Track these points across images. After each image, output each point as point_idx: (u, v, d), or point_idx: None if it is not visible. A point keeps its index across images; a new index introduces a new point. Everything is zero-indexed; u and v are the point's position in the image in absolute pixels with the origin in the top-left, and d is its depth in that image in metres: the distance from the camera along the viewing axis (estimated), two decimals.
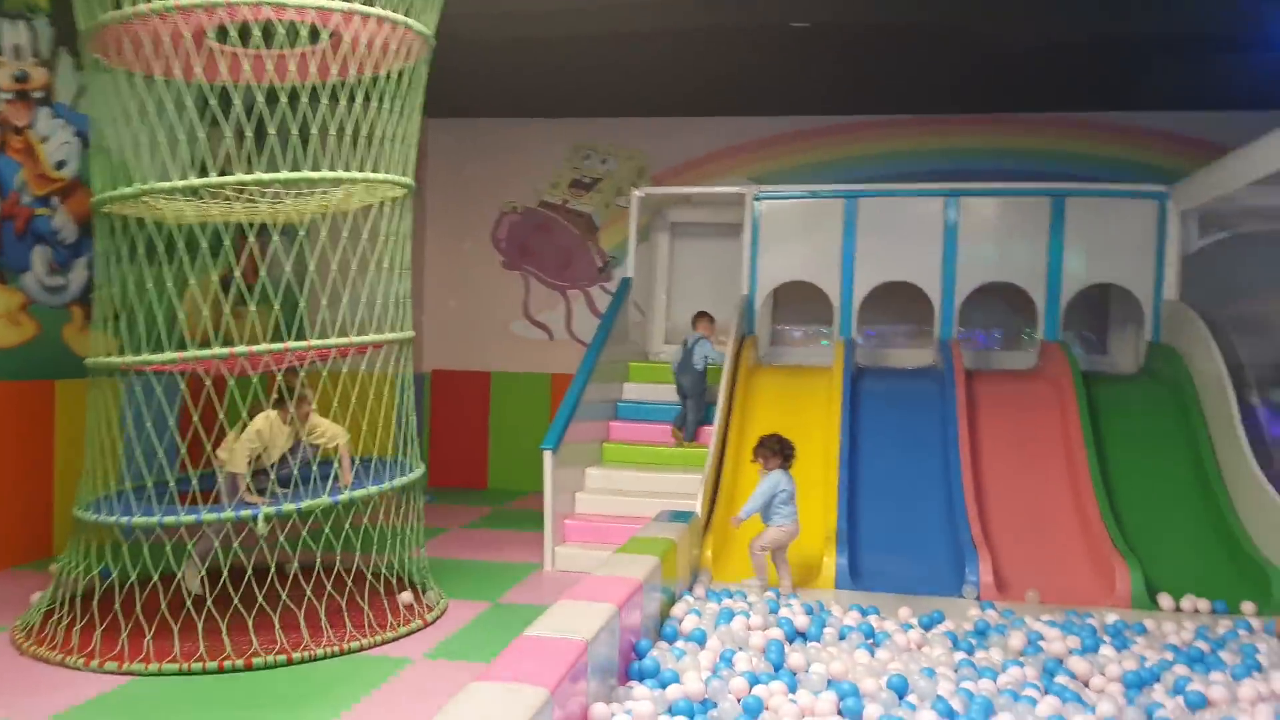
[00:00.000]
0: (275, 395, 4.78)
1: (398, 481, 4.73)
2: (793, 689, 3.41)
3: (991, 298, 7.58)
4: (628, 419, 7.31)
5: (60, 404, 5.80)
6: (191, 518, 4.18)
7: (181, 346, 4.38)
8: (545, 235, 9.23)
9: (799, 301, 8.03)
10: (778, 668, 3.68)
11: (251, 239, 4.50)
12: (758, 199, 7.75)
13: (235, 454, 4.67)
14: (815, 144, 8.52)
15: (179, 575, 4.56)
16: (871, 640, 4.11)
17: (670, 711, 3.20)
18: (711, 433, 6.36)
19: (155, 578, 4.28)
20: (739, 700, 3.30)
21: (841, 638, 4.14)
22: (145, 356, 4.31)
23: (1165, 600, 4.96)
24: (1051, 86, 7.72)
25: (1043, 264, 7.35)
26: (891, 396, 6.92)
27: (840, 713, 3.22)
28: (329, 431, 4.96)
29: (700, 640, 3.96)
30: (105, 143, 4.56)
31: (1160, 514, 5.77)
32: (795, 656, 3.75)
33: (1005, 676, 3.58)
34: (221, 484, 4.56)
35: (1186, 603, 4.92)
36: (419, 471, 5.00)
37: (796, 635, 4.18)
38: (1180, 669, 3.71)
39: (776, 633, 4.06)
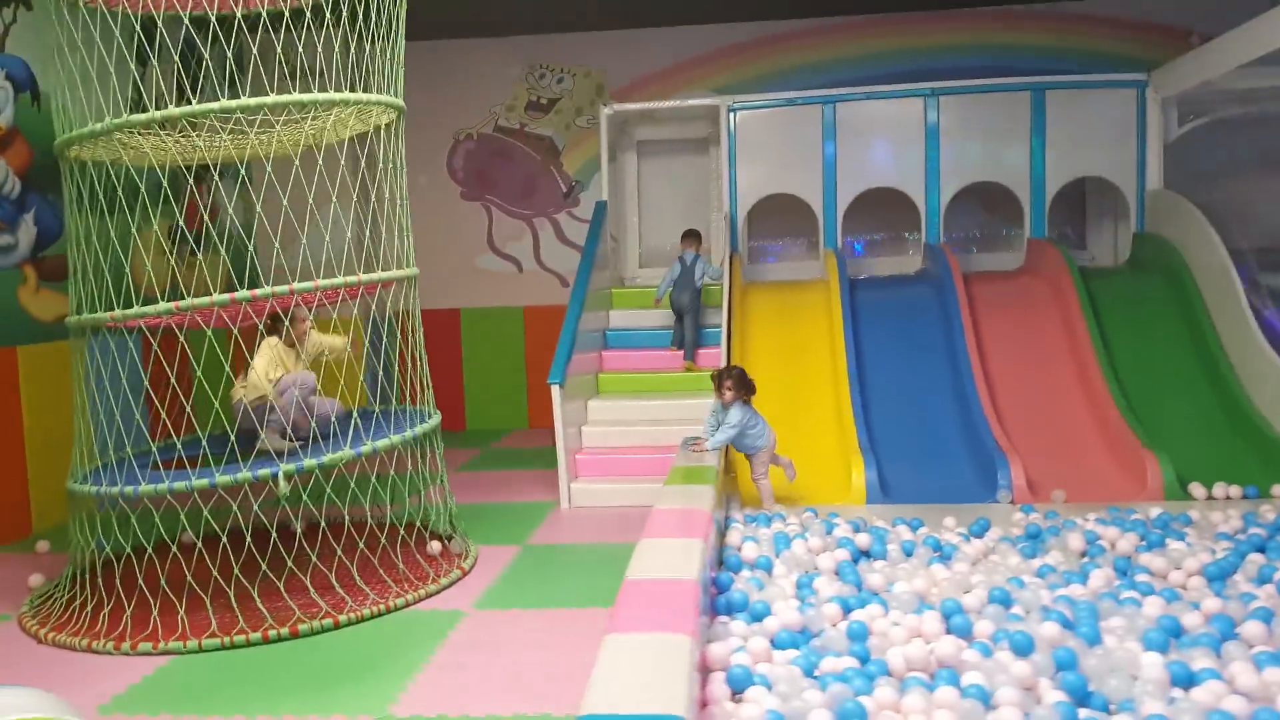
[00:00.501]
0: (268, 321, 4.48)
1: (420, 428, 4.44)
2: (885, 610, 3.29)
3: (969, 200, 7.49)
4: (619, 348, 7.08)
5: (25, 372, 5.31)
6: (204, 481, 3.83)
7: (177, 296, 3.99)
8: (504, 162, 8.81)
9: (776, 215, 7.83)
10: (859, 589, 3.57)
11: (241, 175, 4.09)
12: (733, 110, 7.47)
13: (255, 375, 4.33)
14: (785, 50, 8.22)
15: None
16: (938, 553, 4.02)
17: (775, 645, 3.06)
18: (720, 356, 6.15)
19: (174, 548, 3.95)
20: (836, 627, 3.17)
21: (908, 554, 4.04)
22: (138, 310, 3.91)
23: (1197, 490, 4.99)
24: None
25: (1026, 161, 7.27)
26: (889, 304, 6.82)
27: (949, 631, 3.11)
28: (331, 344, 4.74)
29: (767, 568, 3.82)
30: (66, 79, 4.07)
31: (1173, 403, 5.81)
32: (873, 577, 3.63)
33: (1094, 579, 3.52)
34: (253, 417, 4.20)
35: (1219, 490, 4.96)
36: (437, 418, 4.71)
37: (861, 554, 4.07)
38: (1256, 557, 3.71)
39: (842, 553, 3.94)
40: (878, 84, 7.52)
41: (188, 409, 3.97)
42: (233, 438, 4.13)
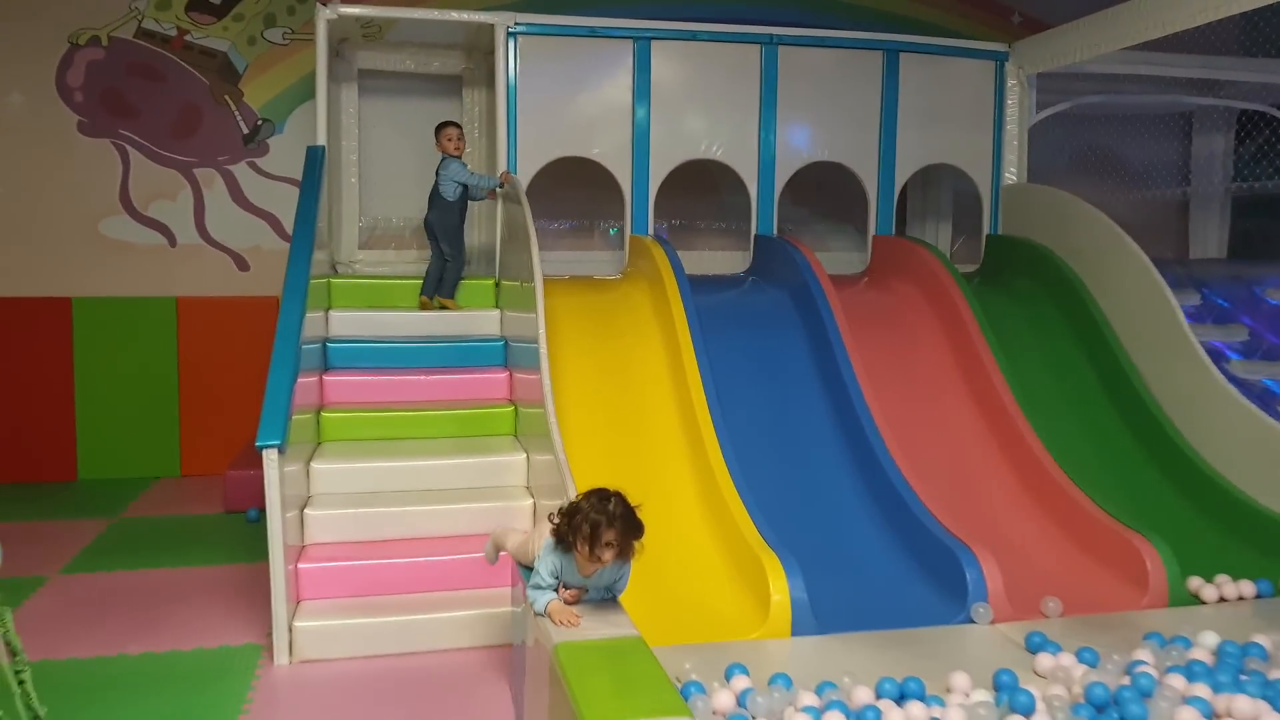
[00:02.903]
0: None
1: None
2: None
3: (795, 184, 5.91)
4: (348, 368, 4.68)
5: None
6: None
7: None
8: (153, 84, 5.97)
9: (560, 187, 5.80)
10: None
11: None
12: (514, 33, 5.30)
13: None
14: None
15: None
16: None
17: None
18: (547, 411, 3.94)
19: None
20: None
21: None
22: None
23: (1205, 590, 3.68)
24: None
25: (874, 140, 5.81)
26: (731, 316, 5.03)
27: None
28: None
29: None
30: None
31: (1101, 460, 4.57)
32: None
33: None
34: None
35: (1229, 589, 3.69)
36: None
37: None
38: None
39: None
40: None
41: None
42: None
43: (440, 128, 5.19)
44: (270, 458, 3.22)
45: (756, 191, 5.65)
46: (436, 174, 5.19)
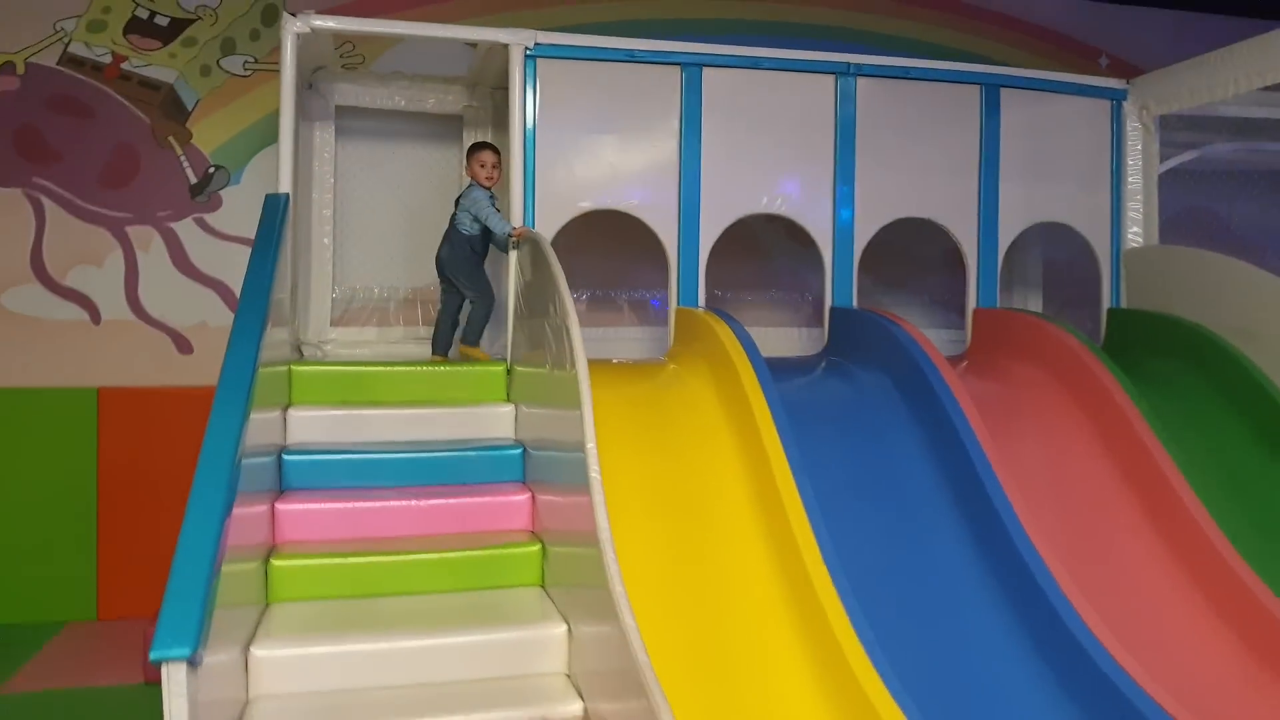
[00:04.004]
0: None
1: None
2: None
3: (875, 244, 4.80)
4: (309, 490, 3.44)
5: None
6: None
7: None
8: (79, 121, 4.83)
9: (587, 247, 4.67)
10: None
11: None
12: (533, 55, 4.20)
13: None
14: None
15: None
16: None
17: None
18: (604, 555, 2.69)
19: None
20: None
21: None
22: None
23: None
24: None
25: (973, 191, 4.73)
26: (820, 411, 3.84)
27: None
28: None
29: None
30: None
31: None
32: None
33: None
34: None
35: None
36: None
37: None
38: None
39: None
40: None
41: None
42: None
43: (474, 150, 4.26)
44: (174, 676, 1.95)
45: (832, 254, 4.53)
46: (456, 203, 4.23)
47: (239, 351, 3.00)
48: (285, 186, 3.92)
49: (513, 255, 4.14)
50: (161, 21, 4.85)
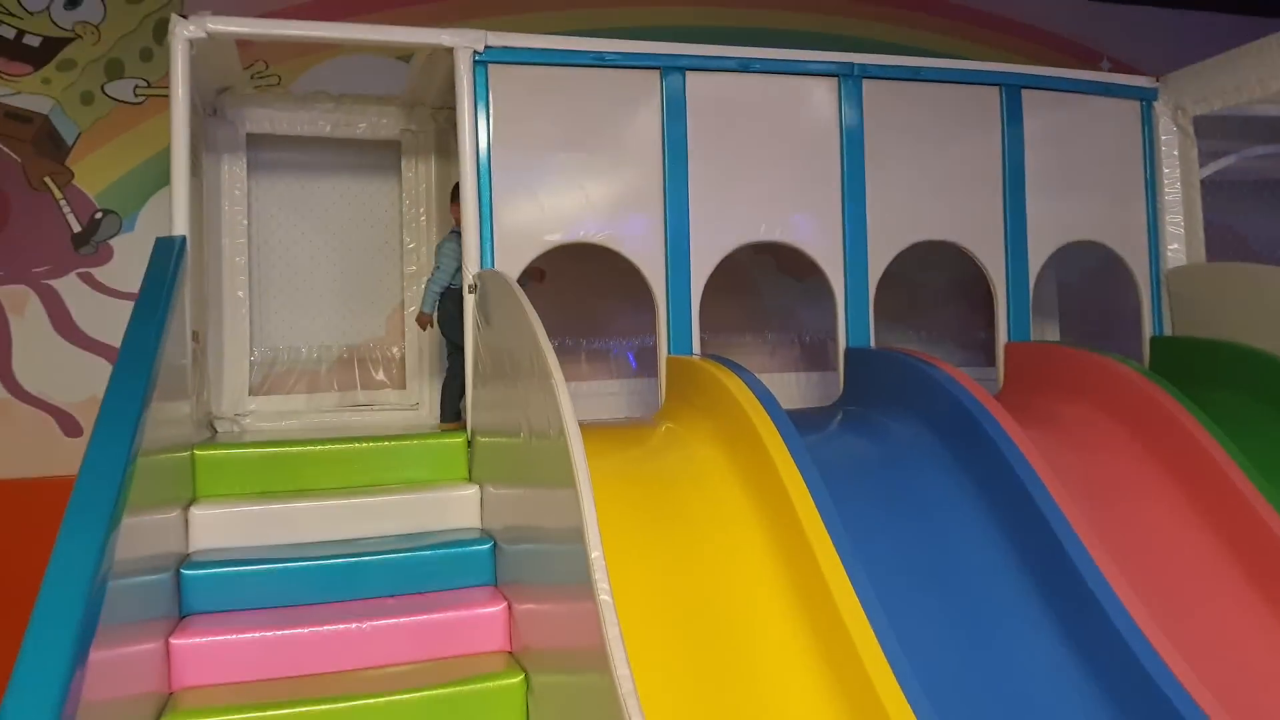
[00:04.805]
0: None
1: None
2: None
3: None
4: (218, 614, 2.62)
5: None
6: None
7: None
8: None
9: (556, 288, 3.95)
10: None
11: None
12: (484, 60, 3.48)
13: None
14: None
15: None
16: None
17: None
18: (617, 690, 1.92)
19: None
20: None
21: None
22: None
23: None
24: None
25: (998, 209, 4.11)
26: (859, 480, 3.13)
27: None
28: None
29: None
30: None
31: None
32: None
33: None
34: None
35: None
36: None
37: None
38: None
39: None
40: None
41: None
42: None
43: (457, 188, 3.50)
44: None
45: (844, 286, 3.85)
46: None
47: (106, 436, 2.21)
48: (181, 229, 3.14)
49: (469, 303, 3.39)
50: (32, 42, 4.06)
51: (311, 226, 4.12)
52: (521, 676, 2.54)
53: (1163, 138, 4.32)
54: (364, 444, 3.25)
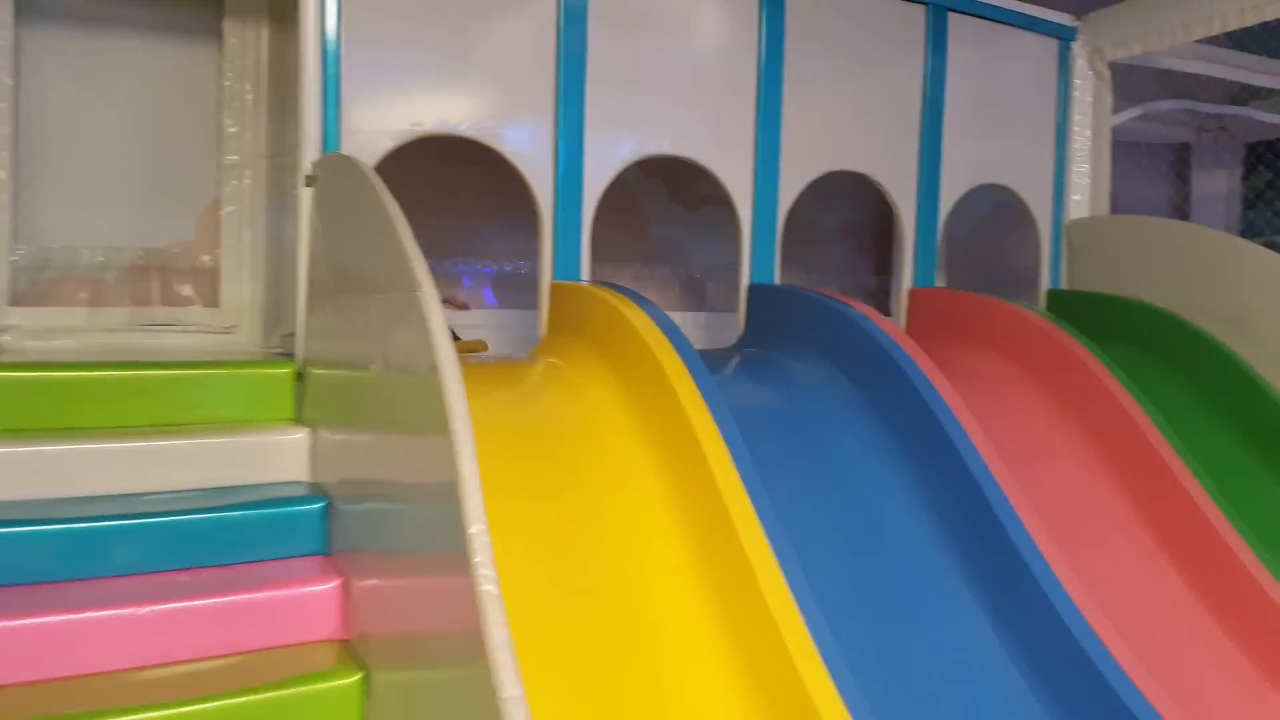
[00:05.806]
0: None
1: None
2: None
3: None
4: None
5: None
6: None
7: None
8: None
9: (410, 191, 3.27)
10: None
11: None
12: None
13: None
14: None
15: None
16: None
17: None
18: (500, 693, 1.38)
19: None
20: None
21: None
22: None
23: None
24: None
25: (914, 143, 3.72)
26: (768, 426, 2.68)
27: None
28: None
29: None
30: None
31: None
32: None
33: None
34: None
35: None
36: None
37: None
38: None
39: None
40: None
41: None
42: None
43: None
44: None
45: (751, 215, 3.38)
46: None
47: None
48: None
49: (304, 199, 2.71)
50: None
51: (101, 96, 3.28)
52: (359, 675, 1.96)
53: (1077, 81, 4.05)
54: (159, 370, 2.54)
